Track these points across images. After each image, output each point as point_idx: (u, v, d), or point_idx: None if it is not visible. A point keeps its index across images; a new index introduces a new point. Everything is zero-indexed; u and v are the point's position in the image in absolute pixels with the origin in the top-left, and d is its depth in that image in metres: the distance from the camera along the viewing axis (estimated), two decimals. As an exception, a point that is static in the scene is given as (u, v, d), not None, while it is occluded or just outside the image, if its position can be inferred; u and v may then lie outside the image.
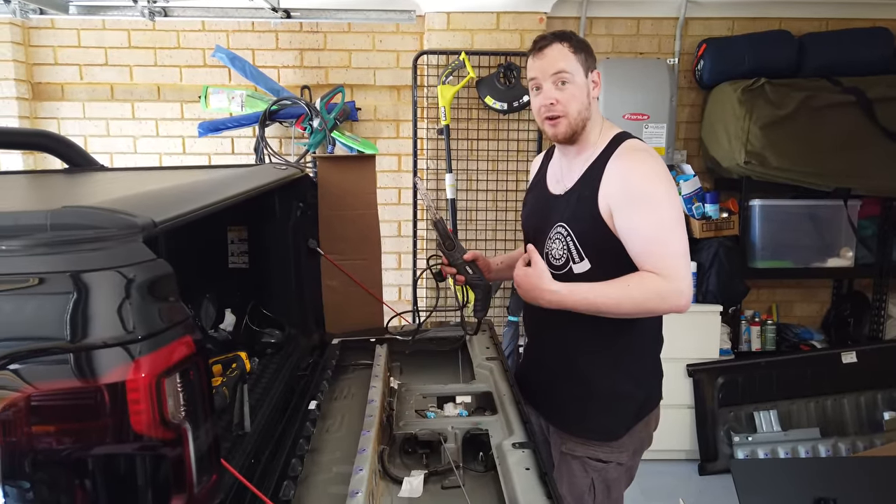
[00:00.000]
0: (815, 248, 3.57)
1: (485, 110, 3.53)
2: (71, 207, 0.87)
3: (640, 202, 1.52)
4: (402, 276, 3.88)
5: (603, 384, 1.67)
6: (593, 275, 1.59)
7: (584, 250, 1.60)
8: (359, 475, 1.23)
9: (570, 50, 1.59)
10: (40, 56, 3.64)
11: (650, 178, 1.54)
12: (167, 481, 0.85)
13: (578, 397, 1.70)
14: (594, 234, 1.58)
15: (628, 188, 1.54)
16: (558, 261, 1.65)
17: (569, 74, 1.58)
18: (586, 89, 1.62)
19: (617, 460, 1.70)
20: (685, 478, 3.45)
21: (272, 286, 2.07)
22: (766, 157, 3.35)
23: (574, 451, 1.70)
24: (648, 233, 1.51)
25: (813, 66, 3.46)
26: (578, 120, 1.61)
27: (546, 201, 1.74)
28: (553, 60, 1.59)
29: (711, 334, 3.48)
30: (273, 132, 3.65)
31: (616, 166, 1.57)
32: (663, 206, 1.52)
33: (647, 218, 1.52)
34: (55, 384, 0.79)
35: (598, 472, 1.70)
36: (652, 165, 1.56)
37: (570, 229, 1.62)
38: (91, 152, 3.10)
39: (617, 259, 1.56)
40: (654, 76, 3.41)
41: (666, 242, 1.50)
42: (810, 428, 3.43)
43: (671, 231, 1.52)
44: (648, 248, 1.51)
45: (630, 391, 1.68)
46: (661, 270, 1.49)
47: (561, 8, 3.58)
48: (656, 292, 1.49)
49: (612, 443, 1.68)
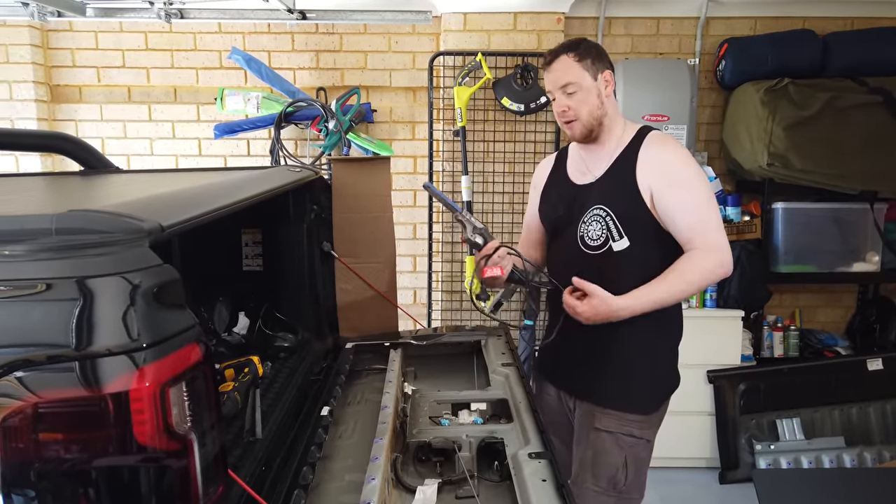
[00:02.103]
0: (839, 252, 3.48)
1: (501, 112, 3.50)
2: (76, 211, 0.85)
3: (679, 184, 1.70)
4: (417, 279, 3.85)
5: (642, 357, 1.80)
6: (630, 251, 1.73)
7: (623, 229, 1.74)
8: (371, 484, 1.20)
9: (576, 59, 1.74)
10: (58, 58, 3.67)
11: (684, 161, 1.73)
12: (172, 493, 0.82)
13: (620, 370, 1.80)
14: (635, 213, 1.73)
15: (667, 172, 1.71)
16: (596, 241, 1.78)
17: (574, 84, 1.75)
18: (596, 91, 1.76)
19: (647, 437, 1.81)
20: (705, 486, 3.39)
21: (286, 289, 2.05)
22: (789, 158, 3.28)
23: (609, 426, 1.79)
24: (691, 211, 1.69)
25: (838, 65, 3.39)
26: (591, 120, 1.78)
27: (573, 192, 1.87)
28: (559, 74, 1.76)
29: (733, 340, 3.42)
30: (289, 134, 3.64)
31: (651, 153, 1.74)
32: (698, 186, 1.71)
33: (688, 198, 1.69)
34: (57, 393, 0.77)
35: (630, 449, 1.79)
36: (683, 150, 1.76)
37: (611, 210, 1.75)
38: (108, 154, 3.12)
39: (653, 236, 1.73)
40: (674, 77, 3.35)
41: (707, 219, 1.69)
42: (835, 437, 3.35)
43: (708, 209, 1.71)
44: (693, 225, 1.69)
45: (664, 365, 1.85)
46: (706, 245, 1.67)
47: (579, 8, 3.54)
48: (709, 270, 1.68)
49: (648, 416, 1.80)
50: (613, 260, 1.76)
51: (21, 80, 3.54)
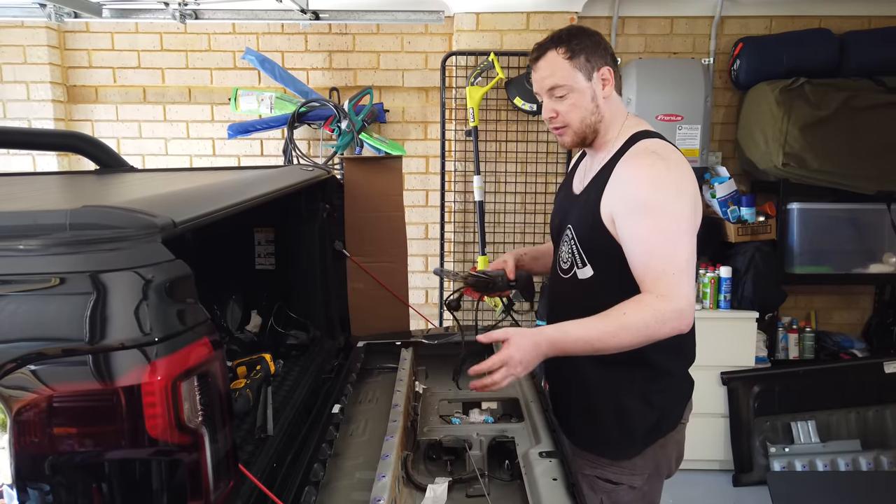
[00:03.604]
0: (856, 253, 3.45)
1: (514, 111, 3.49)
2: (90, 207, 0.86)
3: (639, 210, 1.41)
4: (428, 279, 3.85)
5: (607, 397, 1.56)
6: (596, 282, 1.51)
7: (586, 256, 1.52)
8: (382, 482, 1.20)
9: (566, 56, 1.48)
10: (75, 59, 3.71)
11: (654, 183, 1.42)
12: (183, 487, 0.82)
13: (585, 409, 1.60)
14: (595, 240, 1.50)
15: (628, 194, 1.44)
16: (565, 264, 1.59)
17: (564, 87, 1.49)
18: (590, 93, 1.51)
19: (629, 483, 1.57)
20: (718, 489, 3.36)
21: (298, 288, 2.06)
22: (805, 158, 3.25)
23: (582, 468, 1.58)
24: (646, 246, 1.40)
25: (855, 65, 3.35)
26: (583, 127, 1.53)
27: (567, 201, 1.67)
28: (546, 75, 1.50)
29: (747, 341, 3.39)
30: (301, 134, 3.66)
31: (620, 171, 1.47)
32: (665, 216, 1.39)
33: (646, 228, 1.40)
34: (70, 386, 0.78)
35: (607, 494, 1.58)
36: (660, 169, 1.42)
37: (575, 233, 1.55)
38: (123, 154, 3.14)
39: (620, 267, 1.45)
40: (689, 76, 3.33)
41: (665, 256, 1.37)
42: (850, 440, 3.31)
43: (672, 244, 1.38)
44: (646, 261, 1.39)
45: (637, 407, 1.54)
46: (658, 289, 1.36)
47: (592, 7, 3.53)
48: (655, 317, 1.34)
49: (621, 462, 1.56)
50: (578, 289, 1.55)
51: (38, 81, 3.58)
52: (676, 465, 1.68)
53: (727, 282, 3.36)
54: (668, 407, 1.60)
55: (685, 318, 1.37)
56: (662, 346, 1.47)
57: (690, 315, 1.39)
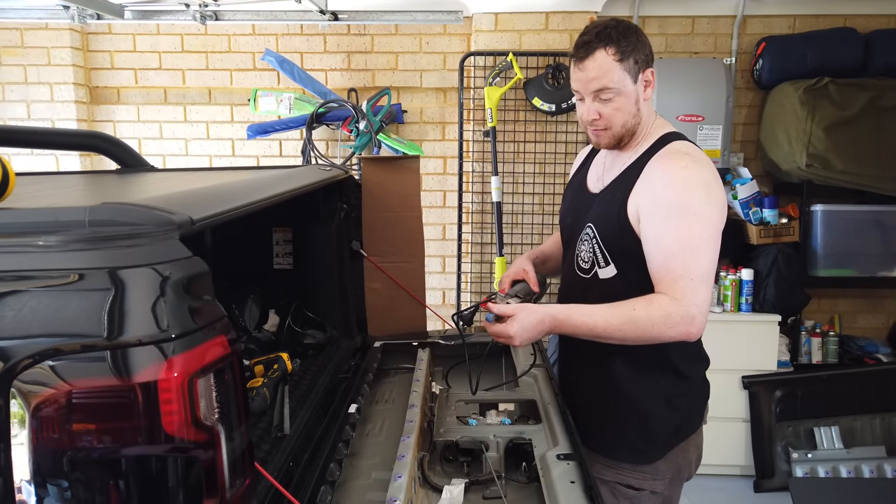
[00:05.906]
0: (881, 256, 3.39)
1: (532, 112, 3.47)
2: (109, 204, 0.86)
3: (668, 210, 1.40)
4: (446, 280, 3.85)
5: (630, 401, 1.54)
6: (618, 283, 1.49)
7: (609, 255, 1.50)
8: (398, 482, 1.19)
9: (616, 58, 1.43)
10: (98, 61, 3.76)
11: (686, 186, 1.40)
12: (199, 484, 0.82)
13: (605, 414, 1.58)
14: (619, 239, 1.48)
15: (658, 195, 1.41)
16: (586, 264, 1.56)
17: (612, 91, 1.45)
18: (635, 96, 1.47)
19: (651, 488, 1.55)
20: (739, 494, 3.31)
21: (315, 287, 2.06)
22: (829, 159, 3.19)
23: (603, 474, 1.56)
24: (670, 247, 1.38)
25: (880, 64, 3.31)
26: (623, 130, 1.50)
27: (583, 199, 1.64)
28: (594, 76, 1.44)
29: (769, 345, 3.34)
30: (320, 135, 3.67)
31: (652, 170, 1.45)
32: (693, 221, 1.38)
33: (672, 229, 1.38)
34: (87, 382, 0.78)
35: (629, 501, 1.56)
36: (692, 172, 1.41)
37: (597, 231, 1.52)
38: (144, 155, 3.18)
39: (644, 268, 1.44)
40: (710, 76, 3.29)
41: (686, 262, 1.37)
42: (875, 446, 3.25)
43: (696, 249, 1.37)
44: (666, 263, 1.38)
45: (660, 411, 1.53)
46: (674, 292, 1.36)
47: (612, 7, 3.50)
48: (664, 318, 1.35)
49: (643, 467, 1.55)
50: (599, 289, 1.52)
51: (62, 82, 3.63)
52: (696, 467, 1.67)
53: (749, 284, 3.31)
54: (690, 409, 1.60)
55: (695, 324, 1.37)
56: (688, 352, 1.54)
57: (701, 323, 1.38)
